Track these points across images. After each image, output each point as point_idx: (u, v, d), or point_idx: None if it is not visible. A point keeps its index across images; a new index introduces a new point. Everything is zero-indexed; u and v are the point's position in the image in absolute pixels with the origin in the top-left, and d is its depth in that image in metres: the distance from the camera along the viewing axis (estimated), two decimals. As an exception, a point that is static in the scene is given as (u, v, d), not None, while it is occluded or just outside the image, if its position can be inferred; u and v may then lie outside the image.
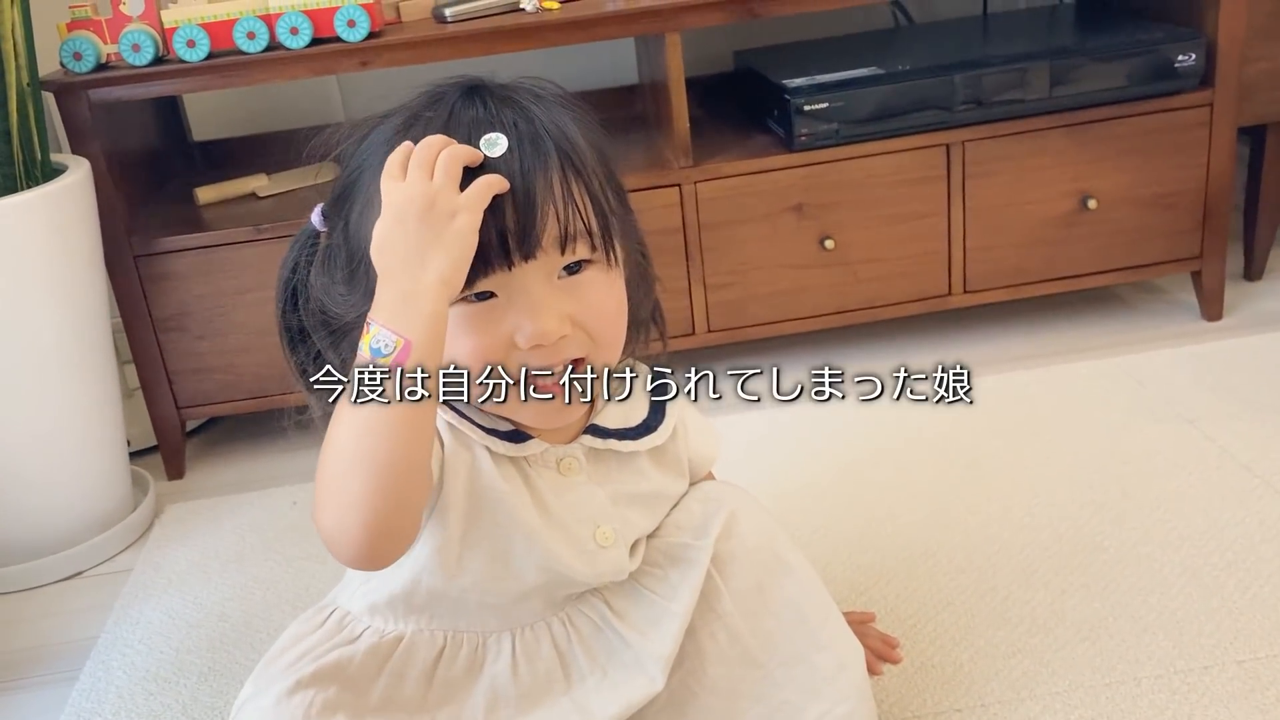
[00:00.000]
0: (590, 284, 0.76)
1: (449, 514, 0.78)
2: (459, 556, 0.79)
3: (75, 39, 1.39)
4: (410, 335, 0.67)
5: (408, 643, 0.82)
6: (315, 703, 0.75)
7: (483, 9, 1.49)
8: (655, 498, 0.89)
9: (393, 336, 0.67)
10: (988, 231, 1.59)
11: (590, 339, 0.76)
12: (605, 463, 0.85)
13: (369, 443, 0.67)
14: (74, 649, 1.23)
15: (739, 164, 1.53)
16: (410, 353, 0.67)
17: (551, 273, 0.74)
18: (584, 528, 0.82)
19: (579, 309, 0.75)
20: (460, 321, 0.74)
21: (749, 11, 1.47)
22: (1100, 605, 1.09)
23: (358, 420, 0.67)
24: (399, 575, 0.80)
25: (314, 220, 0.81)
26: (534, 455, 0.81)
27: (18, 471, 1.33)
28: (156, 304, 1.50)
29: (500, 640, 0.83)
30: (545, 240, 0.73)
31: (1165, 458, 1.32)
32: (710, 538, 0.86)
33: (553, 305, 0.74)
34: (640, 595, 0.86)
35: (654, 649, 0.84)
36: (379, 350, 0.67)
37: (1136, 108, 1.56)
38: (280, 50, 1.41)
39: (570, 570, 0.81)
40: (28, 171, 1.35)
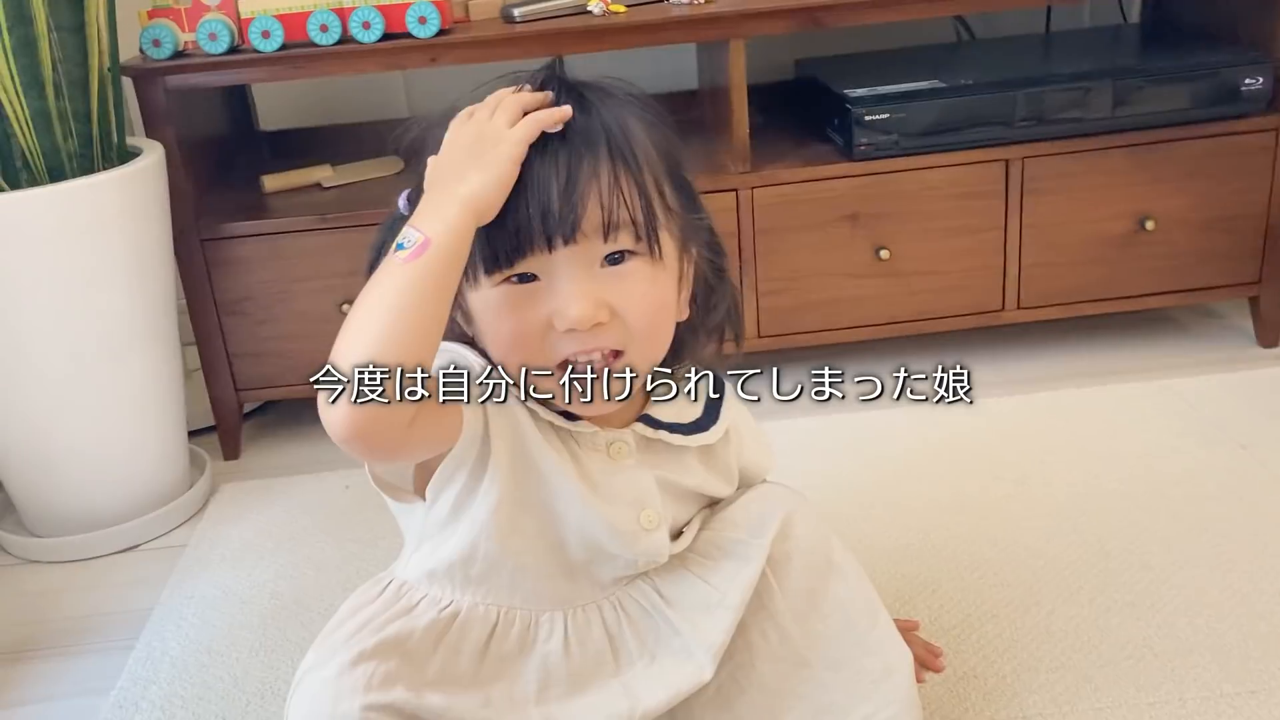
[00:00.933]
0: (632, 275, 0.77)
1: (500, 474, 0.80)
2: (511, 518, 0.81)
3: (155, 26, 1.43)
4: (430, 234, 0.72)
5: (463, 618, 0.83)
6: (376, 674, 0.76)
7: (550, 10, 1.52)
8: (699, 495, 0.90)
9: (416, 234, 0.72)
10: (1043, 248, 1.59)
11: (628, 331, 0.78)
12: (655, 452, 0.86)
13: (372, 321, 0.71)
14: (131, 619, 1.26)
15: (796, 171, 1.54)
16: (427, 248, 0.71)
17: (593, 260, 0.76)
18: (630, 509, 0.83)
19: (618, 299, 0.77)
20: (501, 302, 0.77)
21: (814, 21, 1.48)
22: (1145, 624, 1.09)
23: (369, 301, 0.72)
24: (457, 541, 0.82)
25: (400, 205, 0.84)
26: (584, 435, 0.83)
27: (82, 445, 1.36)
28: (220, 288, 1.53)
29: (552, 620, 0.85)
30: (586, 225, 0.75)
31: (1216, 481, 1.32)
32: (766, 537, 0.87)
33: (590, 291, 0.75)
34: (692, 583, 0.87)
35: (704, 638, 0.85)
36: (401, 244, 0.72)
37: (1200, 130, 1.55)
38: (351, 44, 1.44)
39: (609, 547, 0.83)
40: (104, 154, 1.39)
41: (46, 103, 1.30)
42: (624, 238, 0.76)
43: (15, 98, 1.27)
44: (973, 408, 1.53)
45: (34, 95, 1.28)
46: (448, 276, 0.72)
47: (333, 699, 0.76)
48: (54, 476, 1.37)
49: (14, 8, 1.24)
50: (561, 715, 0.83)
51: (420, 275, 0.71)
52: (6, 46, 1.25)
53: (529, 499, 0.81)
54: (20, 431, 1.34)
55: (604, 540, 0.82)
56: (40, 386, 1.31)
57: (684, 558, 0.88)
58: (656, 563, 0.86)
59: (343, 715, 0.75)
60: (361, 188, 1.63)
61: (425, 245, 0.71)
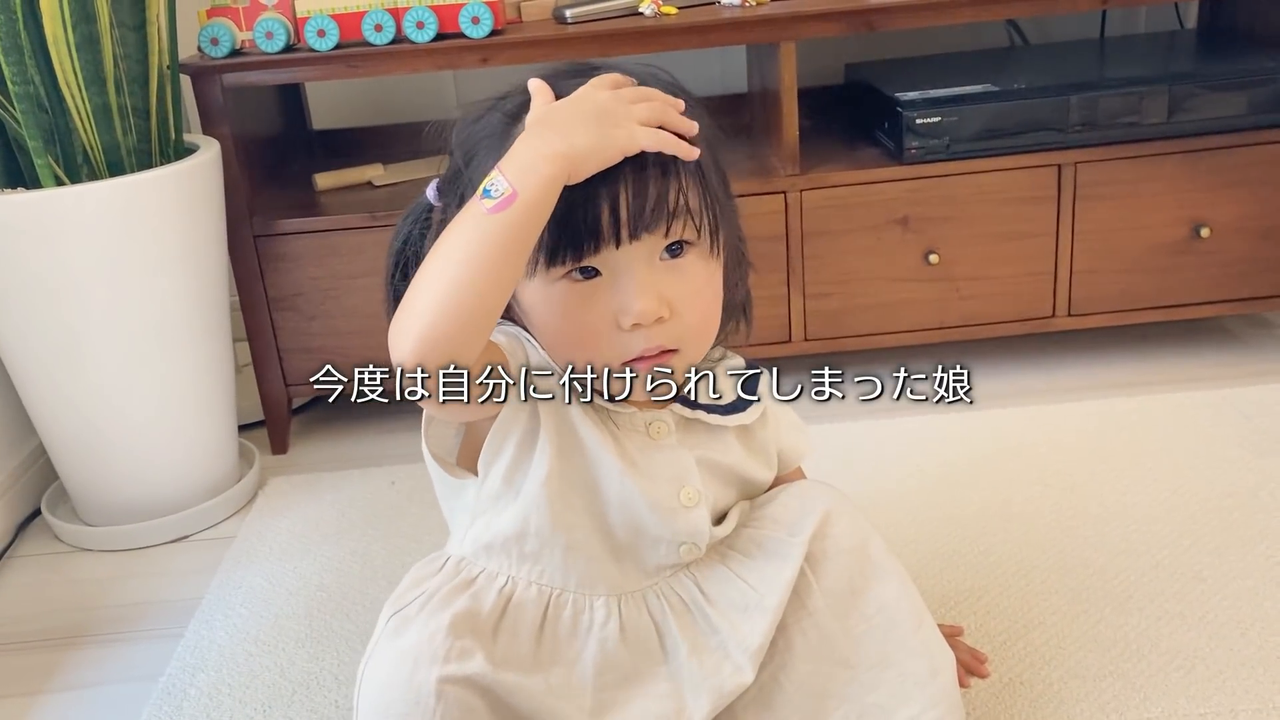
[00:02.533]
0: (689, 269, 0.79)
1: (549, 447, 0.81)
2: (560, 493, 0.81)
3: (214, 25, 1.45)
4: (520, 187, 0.71)
5: (518, 598, 0.83)
6: (454, 647, 0.77)
7: (602, 11, 1.52)
8: (739, 477, 0.90)
9: (505, 183, 0.71)
10: (1096, 255, 1.57)
11: (684, 328, 0.79)
12: (693, 432, 0.86)
13: (450, 267, 0.72)
14: (180, 607, 1.28)
15: (846, 174, 1.53)
16: (514, 202, 0.71)
17: (654, 253, 0.77)
18: (670, 485, 0.84)
19: (677, 293, 0.78)
20: (563, 298, 0.77)
21: (866, 24, 1.48)
22: (1196, 635, 1.07)
23: (447, 247, 0.72)
24: (510, 516, 0.82)
25: (429, 195, 0.85)
26: (623, 416, 0.83)
27: (135, 436, 1.39)
28: (272, 283, 1.55)
29: (607, 605, 0.84)
30: (652, 218, 0.76)
31: (1270, 492, 1.30)
32: (805, 535, 0.87)
33: (653, 285, 0.76)
34: (731, 581, 0.87)
35: (742, 640, 0.85)
36: (488, 191, 0.71)
37: (1257, 137, 1.53)
38: (405, 43, 1.46)
39: (650, 524, 0.83)
40: (162, 149, 1.41)
41: (108, 98, 1.32)
42: (684, 229, 0.77)
43: (78, 93, 1.30)
44: (1022, 415, 1.52)
45: (96, 91, 1.31)
46: (531, 231, 0.72)
47: (410, 669, 0.76)
48: (107, 466, 1.40)
49: (79, 6, 1.27)
50: (615, 703, 0.83)
51: (503, 227, 0.71)
52: (71, 43, 1.27)
53: (575, 474, 0.82)
54: (75, 422, 1.37)
55: (644, 516, 0.83)
56: (95, 378, 1.34)
57: (724, 554, 0.88)
58: (698, 547, 0.86)
59: (419, 685, 0.76)
60: (412, 186, 1.64)
61: (512, 199, 0.71)
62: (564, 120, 0.73)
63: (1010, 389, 1.62)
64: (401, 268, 0.86)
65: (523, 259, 0.73)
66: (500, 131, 0.79)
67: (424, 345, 0.71)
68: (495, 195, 0.71)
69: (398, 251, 0.87)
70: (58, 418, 1.38)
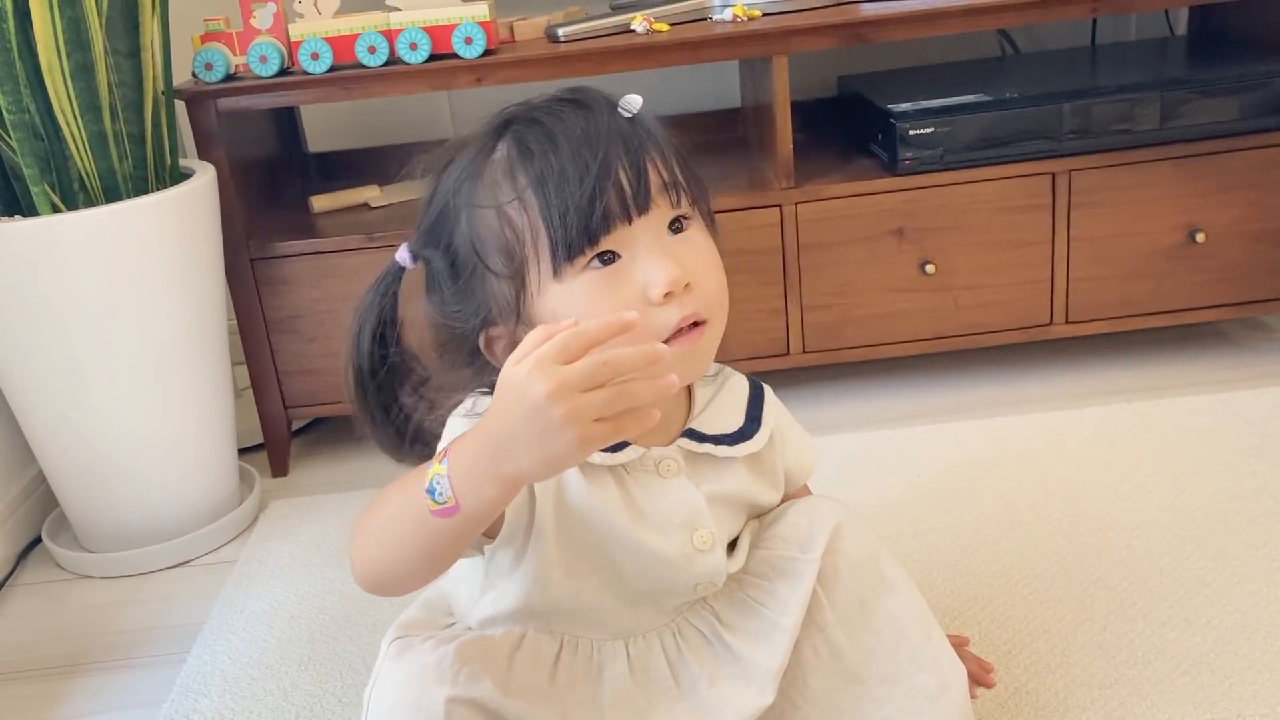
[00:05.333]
0: (695, 241, 0.80)
1: (546, 534, 0.80)
2: (568, 566, 0.81)
3: (208, 50, 1.46)
4: (462, 501, 0.69)
5: (531, 638, 0.83)
6: (463, 671, 0.77)
7: (594, 29, 1.53)
8: (747, 503, 0.89)
9: (449, 492, 0.69)
10: (1092, 262, 1.57)
11: (706, 298, 0.79)
12: (701, 467, 0.85)
13: (393, 537, 0.74)
14: (181, 633, 1.27)
15: (840, 186, 1.54)
16: (455, 514, 0.70)
17: (662, 228, 0.78)
18: (682, 532, 0.83)
19: (693, 263, 0.78)
20: (591, 289, 0.77)
21: (857, 36, 1.49)
22: (1201, 640, 1.07)
23: (395, 515, 0.74)
24: (510, 595, 0.82)
25: (402, 258, 0.83)
26: (631, 462, 0.82)
27: (133, 462, 1.39)
28: (270, 306, 1.55)
29: (614, 647, 0.84)
30: (654, 191, 0.77)
31: (1272, 496, 1.29)
32: (816, 552, 0.86)
33: (671, 252, 0.78)
34: (748, 607, 0.86)
35: (763, 663, 0.84)
36: (433, 492, 0.70)
37: (1250, 141, 1.53)
38: (399, 65, 1.46)
39: (667, 575, 0.82)
40: (158, 175, 1.41)
41: (103, 125, 1.32)
42: (683, 200, 0.79)
43: (73, 120, 1.30)
44: (1022, 423, 1.52)
45: (91, 118, 1.31)
46: (473, 533, 0.73)
47: (418, 689, 0.77)
48: (108, 493, 1.39)
49: (73, 33, 1.27)
50: None
51: (445, 532, 0.71)
52: (65, 71, 1.28)
53: (582, 547, 0.81)
54: (75, 448, 1.37)
55: (661, 570, 0.82)
56: (95, 404, 1.34)
57: (740, 579, 0.88)
58: (716, 584, 0.85)
59: (428, 706, 0.76)
60: (408, 207, 1.65)
61: (454, 510, 0.70)
62: (509, 431, 0.66)
63: (1009, 397, 1.62)
64: (379, 338, 0.84)
65: (464, 546, 0.74)
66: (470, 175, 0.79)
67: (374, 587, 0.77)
68: (439, 501, 0.70)
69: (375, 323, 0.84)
70: (58, 444, 1.38)
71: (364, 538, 0.75)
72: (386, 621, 1.21)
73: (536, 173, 0.76)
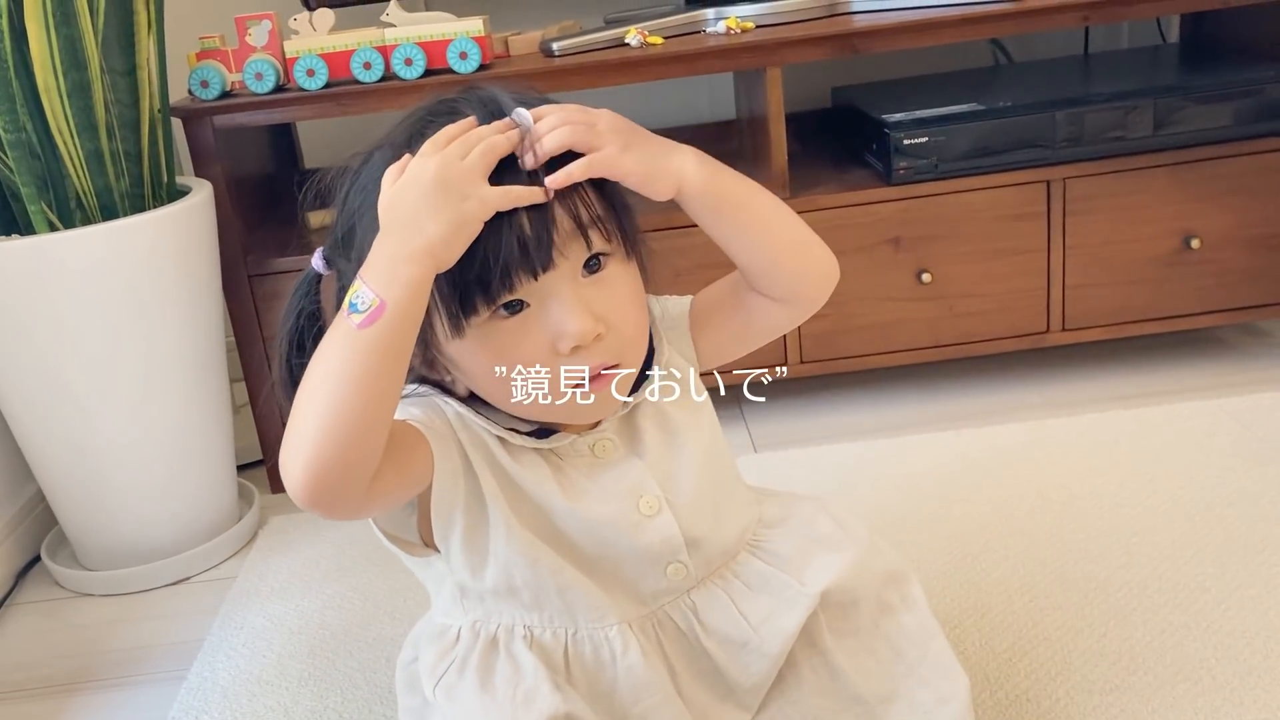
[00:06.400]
0: (612, 280, 0.77)
1: (497, 503, 0.79)
2: (526, 542, 0.80)
3: (203, 68, 1.47)
4: (386, 296, 0.69)
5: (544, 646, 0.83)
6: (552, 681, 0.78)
7: (588, 43, 1.53)
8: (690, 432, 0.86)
9: (371, 295, 0.69)
10: (1088, 269, 1.58)
11: (621, 340, 0.77)
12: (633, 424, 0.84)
13: (327, 390, 0.69)
14: (182, 650, 1.27)
15: (836, 196, 1.54)
16: (383, 313, 0.68)
17: (575, 271, 0.75)
18: (626, 500, 0.82)
19: (606, 307, 0.76)
20: (492, 339, 0.75)
21: (850, 47, 1.49)
22: (1202, 646, 1.07)
23: (324, 367, 0.70)
24: (491, 576, 0.81)
25: (316, 265, 0.81)
26: (564, 448, 0.82)
27: (133, 479, 1.39)
28: (268, 322, 1.55)
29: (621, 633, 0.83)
30: (561, 239, 0.73)
31: (1271, 500, 1.30)
32: (814, 588, 0.84)
33: (582, 302, 0.74)
34: (728, 611, 0.85)
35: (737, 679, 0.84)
36: (355, 306, 0.69)
37: (1243, 147, 1.54)
38: (394, 80, 1.47)
39: (620, 544, 0.81)
40: (154, 192, 1.42)
41: (100, 143, 1.33)
42: (596, 239, 0.75)
43: (70, 139, 1.30)
44: (1020, 430, 1.52)
45: (88, 137, 1.31)
46: (405, 339, 0.71)
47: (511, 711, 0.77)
48: (106, 510, 1.39)
49: (69, 53, 1.28)
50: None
51: (375, 342, 0.69)
52: (63, 90, 1.28)
53: (531, 522, 0.80)
54: (73, 466, 1.37)
55: (611, 539, 0.81)
56: (93, 422, 1.34)
57: (724, 578, 0.86)
58: (685, 565, 0.83)
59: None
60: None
61: (380, 310, 0.68)
62: (410, 211, 0.70)
63: (1007, 405, 1.62)
64: (297, 344, 0.82)
65: (403, 367, 0.72)
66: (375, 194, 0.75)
67: (313, 474, 0.70)
68: (363, 309, 0.69)
69: (291, 329, 0.83)
70: (56, 463, 1.38)
71: (294, 430, 0.71)
72: (388, 637, 1.22)
73: None
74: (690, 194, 0.79)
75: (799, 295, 0.85)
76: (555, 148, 0.74)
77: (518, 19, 1.74)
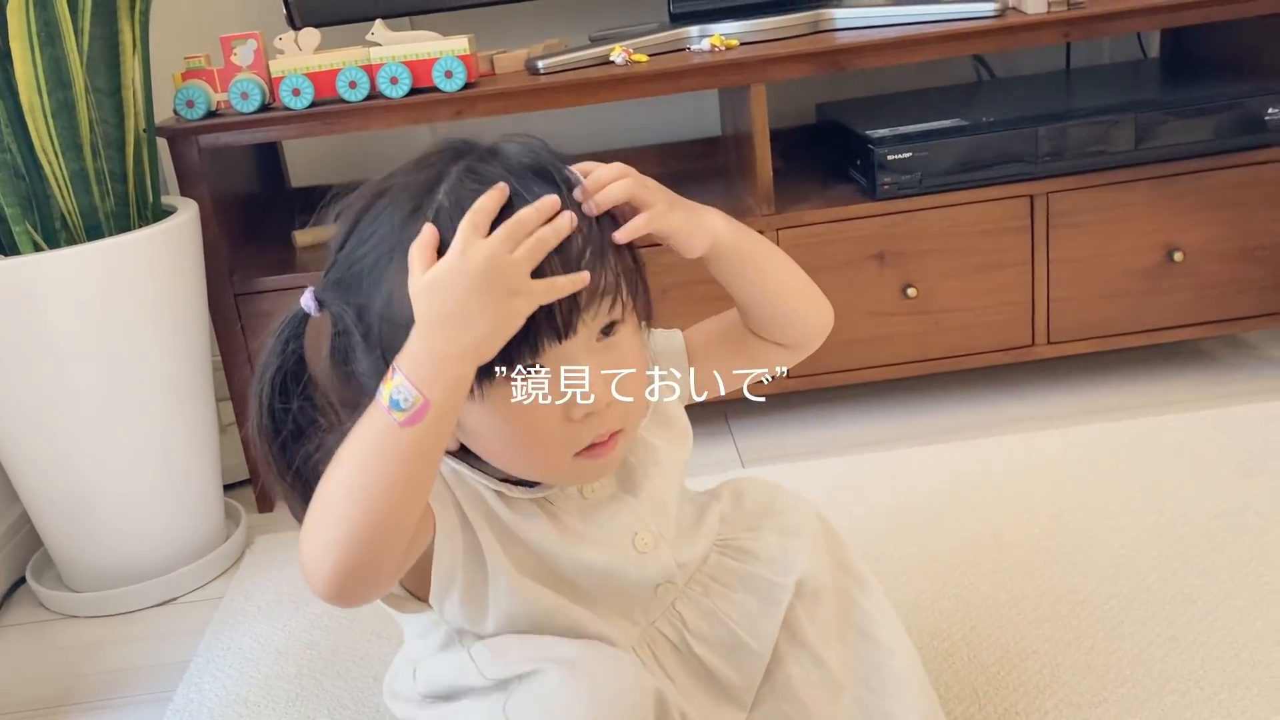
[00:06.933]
0: (623, 345, 0.76)
1: (496, 555, 0.78)
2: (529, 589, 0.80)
3: (189, 87, 1.47)
4: (431, 395, 0.67)
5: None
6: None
7: (574, 62, 1.54)
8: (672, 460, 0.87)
9: (414, 392, 0.66)
10: (1072, 283, 1.59)
11: (627, 405, 0.77)
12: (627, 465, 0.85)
13: (362, 490, 0.67)
14: (168, 671, 1.26)
15: (821, 212, 1.55)
16: (427, 413, 0.67)
17: (592, 337, 0.74)
18: (622, 539, 0.83)
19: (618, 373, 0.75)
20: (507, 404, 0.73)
21: (834, 64, 1.50)
22: (1189, 658, 1.07)
23: (356, 465, 0.68)
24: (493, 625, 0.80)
25: (306, 305, 0.77)
26: (555, 494, 0.82)
27: (119, 500, 1.38)
28: (254, 341, 1.55)
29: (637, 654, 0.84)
30: (588, 308, 0.73)
31: (1256, 512, 1.30)
32: (792, 577, 0.86)
33: (599, 368, 0.74)
34: (714, 617, 0.86)
35: (728, 678, 0.85)
36: (397, 403, 0.67)
37: (1224, 160, 1.55)
38: (380, 99, 1.47)
39: (621, 581, 0.82)
40: (140, 212, 1.42)
41: (84, 163, 1.33)
42: (615, 307, 0.75)
43: (55, 159, 1.30)
44: (1006, 444, 1.53)
45: (72, 157, 1.31)
46: (445, 436, 0.69)
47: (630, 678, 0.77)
48: (92, 531, 1.39)
49: (53, 72, 1.27)
50: None
51: (417, 441, 0.67)
52: (47, 110, 1.28)
53: (531, 570, 0.80)
54: (59, 487, 1.36)
55: (612, 578, 0.82)
56: (78, 443, 1.33)
57: (702, 584, 0.87)
58: (676, 582, 0.85)
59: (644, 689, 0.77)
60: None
61: (424, 409, 0.66)
62: (458, 306, 0.67)
63: (993, 418, 1.63)
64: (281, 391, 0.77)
65: (437, 462, 0.70)
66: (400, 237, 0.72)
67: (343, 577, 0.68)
68: (405, 407, 0.66)
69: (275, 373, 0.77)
70: (41, 484, 1.37)
71: (317, 527, 0.68)
72: (375, 658, 1.21)
73: None
74: (720, 250, 0.81)
75: (801, 340, 0.88)
76: (616, 200, 0.74)
77: (503, 38, 1.75)
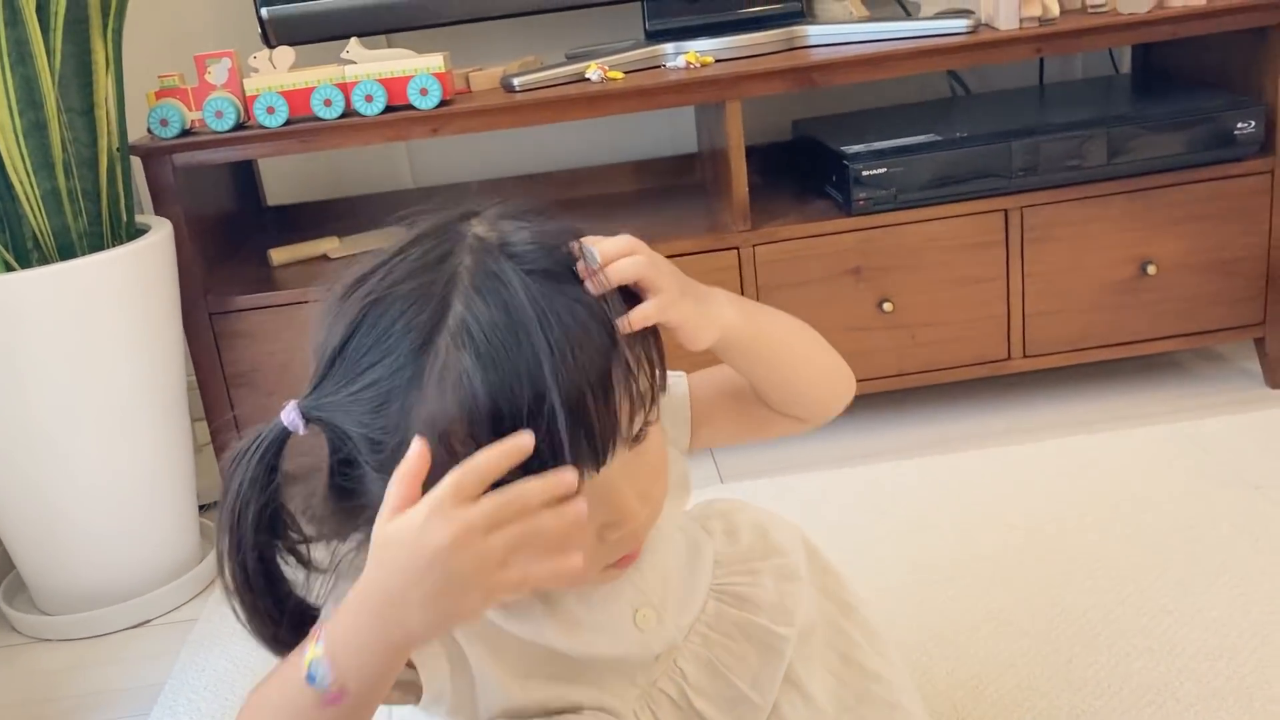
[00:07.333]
0: (650, 450, 0.70)
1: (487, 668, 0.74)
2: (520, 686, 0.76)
3: (163, 106, 1.46)
4: (349, 685, 0.60)
5: None
6: None
7: (550, 79, 1.54)
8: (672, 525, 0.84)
9: (329, 675, 0.60)
10: (1047, 296, 1.60)
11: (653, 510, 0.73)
12: None
13: None
14: (142, 694, 1.25)
15: (797, 227, 1.55)
16: (342, 701, 0.60)
17: (625, 451, 0.68)
18: (623, 619, 0.79)
19: (648, 483, 0.71)
20: None
21: (808, 80, 1.51)
22: (1166, 669, 1.08)
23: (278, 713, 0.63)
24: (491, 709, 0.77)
25: (289, 422, 0.67)
26: None
27: (92, 521, 1.37)
28: (229, 360, 1.54)
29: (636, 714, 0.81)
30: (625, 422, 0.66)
31: (1231, 523, 1.31)
32: (793, 628, 0.83)
33: (634, 487, 0.68)
34: (714, 670, 0.83)
35: None
36: (313, 677, 0.60)
37: (1196, 174, 1.56)
38: (355, 117, 1.47)
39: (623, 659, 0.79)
40: (114, 231, 1.41)
41: (57, 183, 1.32)
42: (652, 409, 0.69)
43: (27, 179, 1.30)
44: (984, 457, 1.53)
45: (45, 176, 1.31)
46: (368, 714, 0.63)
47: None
48: (64, 553, 1.37)
49: (25, 92, 1.27)
50: None
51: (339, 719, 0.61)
52: (18, 129, 1.27)
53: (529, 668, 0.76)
54: (31, 509, 1.35)
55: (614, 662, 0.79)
56: (51, 464, 1.32)
57: (705, 637, 0.84)
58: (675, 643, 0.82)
59: None
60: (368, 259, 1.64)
61: (339, 697, 0.60)
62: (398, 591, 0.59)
63: (970, 432, 1.63)
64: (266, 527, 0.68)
65: None
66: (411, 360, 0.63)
67: None
68: (319, 685, 0.60)
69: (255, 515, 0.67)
70: (12, 505, 1.36)
71: None
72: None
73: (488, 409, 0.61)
74: (729, 342, 0.74)
75: (820, 414, 0.83)
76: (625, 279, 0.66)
77: (479, 55, 1.75)
